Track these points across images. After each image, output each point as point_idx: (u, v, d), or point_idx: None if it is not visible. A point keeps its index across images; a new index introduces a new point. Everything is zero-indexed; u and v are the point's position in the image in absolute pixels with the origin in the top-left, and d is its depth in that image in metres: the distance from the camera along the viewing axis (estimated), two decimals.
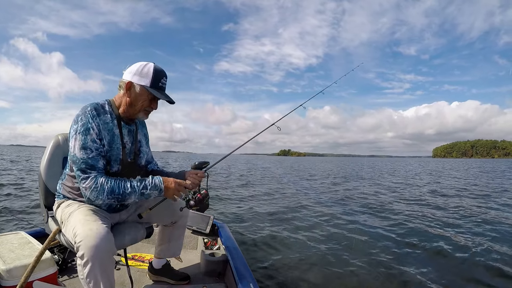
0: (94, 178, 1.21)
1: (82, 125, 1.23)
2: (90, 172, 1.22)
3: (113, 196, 1.21)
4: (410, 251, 3.75)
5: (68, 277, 1.79)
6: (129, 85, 1.32)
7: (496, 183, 13.20)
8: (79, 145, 1.22)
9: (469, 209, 6.60)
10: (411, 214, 6.09)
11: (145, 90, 1.32)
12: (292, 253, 3.52)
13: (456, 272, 3.13)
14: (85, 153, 1.21)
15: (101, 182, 1.21)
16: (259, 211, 5.89)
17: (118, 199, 1.23)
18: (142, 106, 1.35)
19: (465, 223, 5.29)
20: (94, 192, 1.20)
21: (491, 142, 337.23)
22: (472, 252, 3.70)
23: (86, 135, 1.22)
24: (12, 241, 1.64)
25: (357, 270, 3.07)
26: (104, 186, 1.20)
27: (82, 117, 1.25)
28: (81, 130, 1.22)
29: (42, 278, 1.43)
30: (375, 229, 4.84)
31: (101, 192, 1.20)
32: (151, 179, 1.29)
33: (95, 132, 1.24)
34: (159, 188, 1.28)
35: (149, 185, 1.27)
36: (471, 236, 4.43)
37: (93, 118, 1.25)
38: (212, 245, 2.24)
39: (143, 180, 1.28)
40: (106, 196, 1.21)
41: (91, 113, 1.26)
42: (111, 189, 1.21)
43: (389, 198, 8.60)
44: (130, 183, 1.25)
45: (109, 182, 1.22)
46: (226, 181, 12.01)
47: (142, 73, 1.31)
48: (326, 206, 6.85)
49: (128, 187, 1.23)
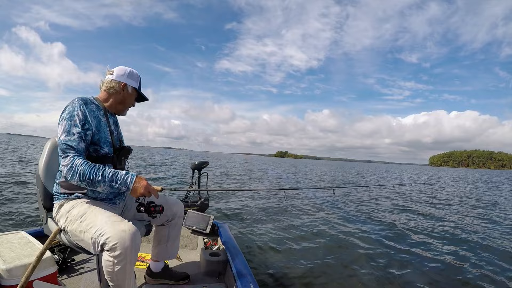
0: (72, 157, 1.30)
1: (68, 113, 1.36)
2: (69, 152, 1.31)
3: (84, 179, 1.28)
4: (409, 254, 3.76)
5: (68, 276, 1.79)
6: (124, 86, 1.53)
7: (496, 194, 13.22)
8: (62, 129, 1.34)
9: (467, 219, 6.61)
10: (410, 220, 6.09)
11: (135, 91, 1.58)
12: (292, 253, 3.52)
13: (452, 277, 3.13)
14: (67, 136, 1.32)
15: (76, 163, 1.29)
16: (259, 211, 5.88)
17: (88, 184, 1.30)
18: (130, 104, 1.60)
19: (463, 232, 5.29)
20: (69, 171, 1.29)
21: (488, 153, 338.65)
22: (468, 257, 3.70)
23: (70, 121, 1.34)
24: (12, 240, 1.64)
25: (357, 270, 3.07)
26: (78, 168, 1.28)
27: (70, 106, 1.39)
28: (67, 117, 1.35)
29: (42, 278, 1.43)
30: (375, 230, 4.84)
31: (75, 172, 1.28)
32: (124, 175, 1.33)
33: (79, 118, 1.35)
34: (127, 187, 1.33)
35: (119, 180, 1.32)
36: (467, 245, 4.44)
37: (79, 107, 1.38)
38: (212, 245, 2.24)
39: (116, 173, 1.33)
40: (78, 178, 1.28)
41: (78, 102, 1.39)
42: (83, 172, 1.28)
43: (388, 203, 8.61)
44: (103, 172, 1.30)
45: (83, 165, 1.29)
46: (226, 181, 12.00)
47: (133, 76, 1.56)
48: (326, 208, 6.84)
49: (99, 175, 1.29)
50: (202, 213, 2.71)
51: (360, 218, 5.75)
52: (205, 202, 2.98)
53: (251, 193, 8.58)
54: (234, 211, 5.78)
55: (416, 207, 7.41)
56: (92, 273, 1.86)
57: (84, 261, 2.02)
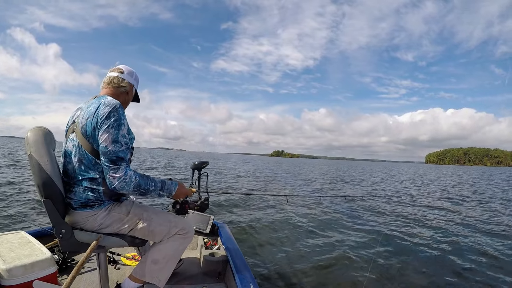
0: (124, 169, 1.30)
1: (115, 121, 1.30)
2: (121, 164, 1.30)
3: (139, 189, 1.34)
4: (408, 253, 3.76)
5: (68, 276, 1.79)
6: (132, 87, 1.57)
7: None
8: (111, 138, 1.28)
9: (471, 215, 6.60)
10: (410, 217, 6.09)
11: (134, 93, 1.62)
12: (292, 253, 3.52)
13: (452, 274, 3.13)
14: (116, 146, 1.29)
15: (130, 174, 1.31)
16: (259, 211, 5.89)
17: (141, 193, 1.36)
18: (127, 105, 1.62)
19: (466, 228, 5.29)
20: (122, 182, 1.29)
21: (484, 150, 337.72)
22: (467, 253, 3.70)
23: (118, 130, 1.31)
24: (12, 240, 1.64)
25: (357, 270, 3.07)
26: (132, 179, 1.31)
27: (114, 112, 1.31)
28: (114, 125, 1.30)
29: (42, 278, 1.43)
30: (376, 230, 4.84)
31: (129, 183, 1.30)
32: (170, 184, 1.48)
33: (126, 128, 1.35)
34: (170, 193, 1.48)
35: (166, 189, 1.45)
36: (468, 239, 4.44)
37: (123, 114, 1.36)
38: (212, 245, 2.24)
39: (164, 182, 1.45)
40: (132, 189, 1.32)
41: (121, 109, 1.35)
42: (138, 183, 1.32)
43: (388, 201, 8.62)
44: (154, 182, 1.40)
45: (137, 176, 1.33)
46: (225, 181, 12.00)
47: (137, 79, 1.60)
48: (326, 207, 6.84)
49: (152, 186, 1.38)
50: (202, 213, 2.71)
51: (361, 218, 5.75)
52: (205, 202, 2.97)
53: (251, 193, 8.58)
54: (234, 211, 5.78)
55: (416, 205, 7.42)
56: (92, 273, 1.86)
57: (84, 261, 2.02)
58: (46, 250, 1.55)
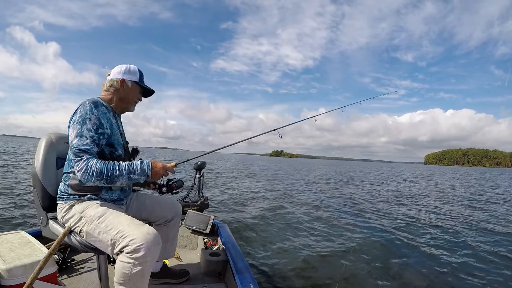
0: (86, 160, 1.27)
1: (80, 116, 1.33)
2: (83, 156, 1.28)
3: (102, 177, 1.26)
4: (408, 253, 3.76)
5: (68, 276, 1.79)
6: (121, 82, 1.49)
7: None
8: (75, 133, 1.30)
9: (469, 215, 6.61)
10: (408, 217, 6.09)
11: (136, 85, 1.52)
12: (292, 253, 3.52)
13: (450, 274, 3.13)
14: (80, 140, 1.29)
15: (91, 164, 1.26)
16: (259, 211, 5.88)
17: (107, 181, 1.28)
18: (133, 99, 1.54)
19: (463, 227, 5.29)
20: (84, 174, 1.25)
21: (483, 151, 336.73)
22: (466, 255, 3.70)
23: (83, 124, 1.31)
24: (12, 240, 1.64)
25: (357, 270, 3.08)
26: (94, 168, 1.25)
27: (81, 109, 1.35)
28: (79, 120, 1.32)
29: (42, 278, 1.43)
30: (375, 230, 4.84)
31: (91, 173, 1.25)
32: (139, 164, 1.34)
33: (91, 122, 1.33)
34: (146, 174, 1.34)
35: (137, 171, 1.32)
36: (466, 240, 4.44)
37: (91, 110, 1.35)
38: (212, 245, 2.24)
39: (131, 164, 1.33)
40: (95, 178, 1.26)
41: (89, 105, 1.36)
42: (100, 170, 1.26)
43: (387, 201, 8.62)
44: (119, 166, 1.30)
45: (98, 163, 1.27)
46: (225, 181, 12.01)
47: (131, 71, 1.51)
48: (327, 207, 6.85)
49: (117, 170, 1.28)
50: (202, 213, 2.71)
51: (361, 217, 5.75)
52: (205, 202, 2.98)
53: (251, 193, 8.58)
54: (234, 211, 5.78)
55: (416, 203, 7.42)
56: (92, 273, 1.86)
57: (84, 261, 2.02)
58: (46, 250, 1.55)
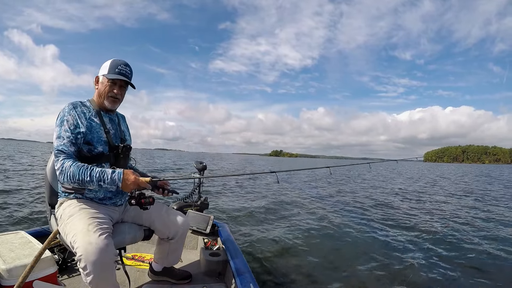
0: (62, 161, 1.33)
1: (59, 119, 1.40)
2: (60, 156, 1.35)
3: (74, 180, 1.31)
4: (409, 252, 3.75)
5: (68, 276, 1.79)
6: (96, 79, 1.54)
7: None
8: (56, 135, 1.38)
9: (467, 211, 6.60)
10: (410, 215, 6.09)
11: (104, 78, 1.50)
12: (292, 253, 3.52)
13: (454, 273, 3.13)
14: (58, 141, 1.36)
15: (66, 165, 1.32)
16: (259, 211, 5.89)
17: (79, 184, 1.32)
18: (105, 92, 1.50)
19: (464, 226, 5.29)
20: (61, 174, 1.32)
21: (482, 148, 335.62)
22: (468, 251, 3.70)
23: (61, 126, 1.38)
24: (12, 240, 1.64)
25: (357, 270, 3.07)
26: (68, 170, 1.31)
27: (60, 112, 1.43)
28: (58, 123, 1.40)
29: (42, 278, 1.43)
30: (376, 230, 4.84)
31: (65, 175, 1.31)
32: (110, 173, 1.31)
33: (69, 123, 1.39)
34: (116, 185, 1.32)
35: (107, 180, 1.30)
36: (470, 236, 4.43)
37: (69, 112, 1.41)
38: (212, 245, 2.24)
39: (103, 172, 1.31)
40: (69, 180, 1.31)
41: (68, 107, 1.43)
42: (72, 174, 1.30)
43: (389, 200, 8.60)
44: (90, 172, 1.30)
45: (72, 167, 1.31)
46: (226, 181, 12.00)
47: (104, 66, 1.51)
48: (327, 207, 6.85)
49: (87, 176, 1.30)
50: (202, 213, 2.72)
51: (361, 214, 5.75)
52: (205, 202, 2.99)
53: (250, 193, 8.58)
54: (234, 211, 5.79)
55: (416, 200, 7.42)
56: None
57: None
58: (46, 250, 1.55)
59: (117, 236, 1.42)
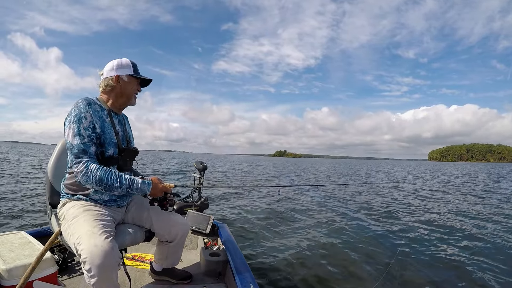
0: (86, 163, 1.30)
1: (75, 116, 1.34)
2: (82, 157, 1.31)
3: (101, 184, 1.30)
4: (410, 252, 3.75)
5: (68, 277, 1.79)
6: (116, 78, 1.48)
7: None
8: (73, 132, 1.31)
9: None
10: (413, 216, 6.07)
11: (131, 77, 1.51)
12: (292, 253, 3.52)
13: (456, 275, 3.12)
14: (78, 139, 1.31)
15: (91, 168, 1.29)
16: (260, 211, 5.89)
17: (105, 188, 1.32)
18: (132, 91, 1.53)
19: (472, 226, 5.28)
20: (84, 176, 1.29)
21: (487, 146, 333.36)
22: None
23: (79, 123, 1.32)
24: (12, 241, 1.64)
25: (358, 269, 3.07)
26: (94, 173, 1.29)
27: (75, 108, 1.36)
28: (75, 119, 1.33)
29: (42, 278, 1.43)
30: (376, 229, 4.83)
31: (90, 178, 1.29)
32: (140, 183, 1.38)
33: (87, 121, 1.34)
34: (144, 193, 1.41)
35: (136, 188, 1.37)
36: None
37: (85, 108, 1.36)
38: (212, 245, 2.24)
39: (132, 180, 1.37)
40: (95, 183, 1.30)
41: (82, 104, 1.37)
42: (99, 178, 1.29)
43: (391, 200, 8.60)
44: (120, 178, 1.34)
45: (99, 170, 1.30)
46: (226, 182, 12.01)
47: (123, 65, 1.50)
48: (327, 207, 6.84)
49: (117, 182, 1.32)
50: (202, 213, 2.72)
51: (361, 216, 5.74)
52: (205, 202, 2.99)
53: (250, 193, 8.58)
54: (234, 211, 5.78)
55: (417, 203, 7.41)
56: None
57: None
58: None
59: (119, 237, 1.42)
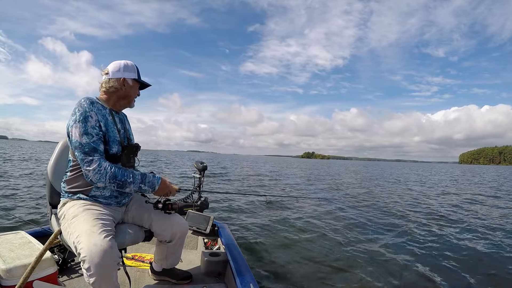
0: (98, 161, 1.31)
1: (80, 115, 1.34)
2: (94, 155, 1.32)
3: (115, 181, 1.33)
4: (412, 252, 3.75)
5: (68, 277, 1.79)
6: (123, 81, 1.51)
7: None
8: (80, 132, 1.32)
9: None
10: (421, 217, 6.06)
11: (135, 82, 1.56)
12: (292, 253, 3.51)
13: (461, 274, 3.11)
14: (87, 138, 1.32)
15: (104, 166, 1.32)
16: (260, 211, 5.88)
17: (118, 185, 1.35)
18: (134, 96, 1.58)
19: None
20: (97, 174, 1.31)
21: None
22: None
23: (86, 122, 1.33)
24: (12, 240, 1.64)
25: (358, 270, 3.07)
26: (108, 170, 1.31)
27: (79, 107, 1.36)
28: (80, 118, 1.33)
29: (42, 278, 1.43)
30: (377, 229, 4.83)
31: (104, 175, 1.31)
32: (152, 177, 1.45)
33: (93, 119, 1.36)
34: (153, 187, 1.45)
35: (147, 182, 1.43)
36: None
37: (89, 107, 1.36)
38: (212, 245, 2.24)
39: (144, 175, 1.43)
40: (108, 181, 1.32)
41: (85, 103, 1.37)
42: (113, 174, 1.32)
43: (393, 201, 8.59)
44: (133, 173, 1.39)
45: (112, 167, 1.33)
46: (226, 182, 12.01)
47: (129, 69, 1.53)
48: (328, 207, 6.83)
49: (131, 177, 1.37)
50: (202, 213, 2.72)
51: (362, 217, 5.74)
52: (205, 202, 2.99)
53: (251, 193, 8.57)
54: (234, 211, 5.78)
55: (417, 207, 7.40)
56: None
57: None
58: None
59: (119, 236, 1.42)
